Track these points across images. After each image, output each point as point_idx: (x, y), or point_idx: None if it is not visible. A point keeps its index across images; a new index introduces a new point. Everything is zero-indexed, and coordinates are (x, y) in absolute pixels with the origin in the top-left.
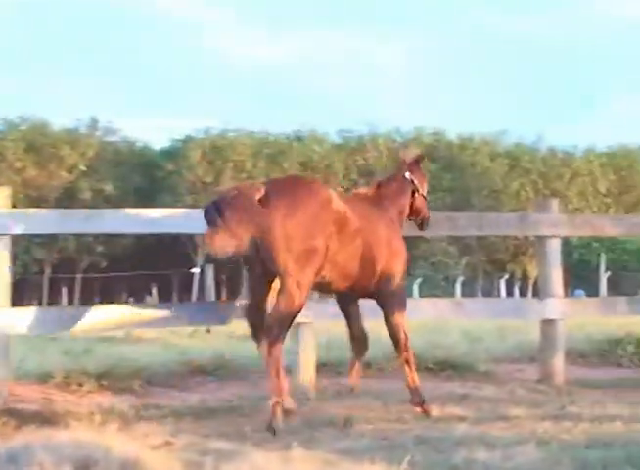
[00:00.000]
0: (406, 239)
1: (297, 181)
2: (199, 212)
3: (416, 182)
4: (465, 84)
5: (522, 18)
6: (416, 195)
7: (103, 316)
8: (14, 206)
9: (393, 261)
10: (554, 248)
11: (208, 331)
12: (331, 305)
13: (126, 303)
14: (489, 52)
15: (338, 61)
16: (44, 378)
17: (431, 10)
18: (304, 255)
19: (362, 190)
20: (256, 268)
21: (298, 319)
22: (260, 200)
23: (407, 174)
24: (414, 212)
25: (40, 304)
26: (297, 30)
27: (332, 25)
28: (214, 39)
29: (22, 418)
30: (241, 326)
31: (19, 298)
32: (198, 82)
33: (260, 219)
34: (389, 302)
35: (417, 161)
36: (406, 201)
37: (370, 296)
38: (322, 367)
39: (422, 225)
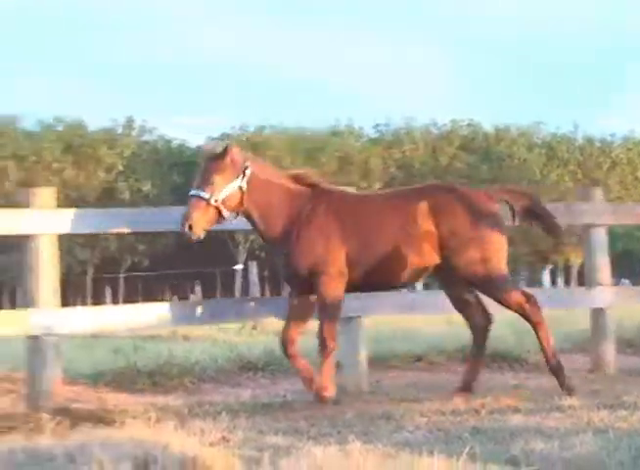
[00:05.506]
0: None
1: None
2: None
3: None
4: (496, 77)
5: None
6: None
7: (153, 314)
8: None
9: None
10: (601, 236)
11: (255, 328)
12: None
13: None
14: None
15: (368, 56)
16: (95, 377)
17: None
18: None
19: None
20: None
21: (348, 313)
22: None
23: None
24: None
25: (84, 304)
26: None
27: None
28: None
29: (77, 418)
30: None
31: (63, 299)
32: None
33: None
34: None
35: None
36: None
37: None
38: (373, 361)
39: None
